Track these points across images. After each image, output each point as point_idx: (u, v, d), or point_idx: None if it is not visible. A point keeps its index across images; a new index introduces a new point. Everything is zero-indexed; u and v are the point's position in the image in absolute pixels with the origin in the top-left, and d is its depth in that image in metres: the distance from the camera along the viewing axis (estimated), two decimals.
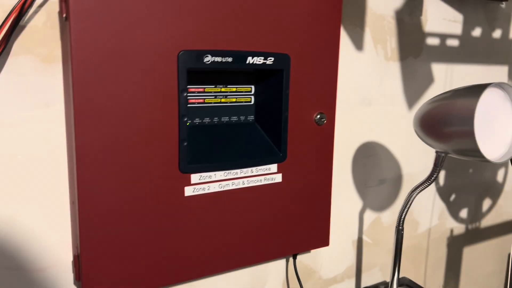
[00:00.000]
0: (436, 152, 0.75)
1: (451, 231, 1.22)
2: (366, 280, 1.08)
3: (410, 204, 0.82)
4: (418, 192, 0.80)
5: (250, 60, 0.71)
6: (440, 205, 1.18)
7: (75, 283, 0.72)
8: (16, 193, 0.66)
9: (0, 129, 0.63)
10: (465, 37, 1.11)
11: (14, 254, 0.67)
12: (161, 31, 0.64)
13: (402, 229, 0.85)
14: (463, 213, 1.23)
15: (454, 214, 1.21)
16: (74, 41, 0.58)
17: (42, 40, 0.64)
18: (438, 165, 0.75)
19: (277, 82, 0.76)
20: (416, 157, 1.09)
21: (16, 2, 0.60)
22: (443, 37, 1.07)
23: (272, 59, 0.73)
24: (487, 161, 0.66)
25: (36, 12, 0.63)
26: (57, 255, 0.70)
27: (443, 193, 1.18)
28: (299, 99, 0.78)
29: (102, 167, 0.63)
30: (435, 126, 0.71)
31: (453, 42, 1.10)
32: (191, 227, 0.72)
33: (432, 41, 1.06)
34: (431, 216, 1.17)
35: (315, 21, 0.77)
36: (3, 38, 0.60)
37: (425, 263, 1.19)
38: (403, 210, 0.83)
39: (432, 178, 0.77)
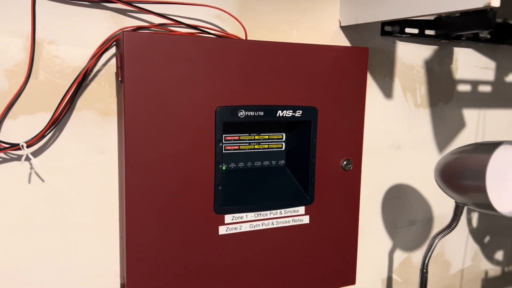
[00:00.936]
0: (455, 202, 0.79)
1: (486, 273, 1.22)
2: None
3: (433, 249, 0.86)
4: (440, 238, 0.84)
5: (280, 113, 0.79)
6: (473, 246, 1.19)
7: None
8: (74, 227, 0.76)
9: (63, 173, 0.74)
10: (498, 82, 1.14)
11: (69, 280, 0.77)
12: (201, 91, 0.73)
13: (426, 272, 0.89)
14: (499, 255, 1.23)
15: (489, 256, 1.22)
16: (127, 102, 0.69)
17: (100, 97, 0.75)
18: (457, 214, 0.79)
19: (305, 131, 0.83)
20: (447, 199, 1.11)
21: (83, 67, 0.71)
22: (474, 83, 1.11)
23: (301, 112, 0.81)
24: (502, 215, 0.69)
25: (96, 74, 0.74)
26: (107, 283, 0.80)
27: (477, 235, 1.19)
28: (326, 146, 0.84)
29: (147, 208, 0.72)
30: (452, 178, 0.76)
31: (485, 88, 1.13)
32: (224, 264, 0.79)
33: (463, 88, 1.10)
34: (463, 257, 1.18)
35: (342, 75, 0.84)
36: (70, 96, 0.71)
37: None
38: (427, 254, 0.87)
39: (452, 226, 0.81)
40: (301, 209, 0.84)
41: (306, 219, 0.85)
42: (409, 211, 1.08)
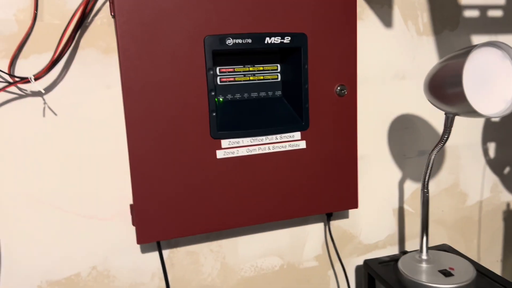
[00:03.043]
0: (445, 113, 0.80)
1: (508, 204, 1.20)
2: (409, 248, 1.12)
3: (431, 167, 0.87)
4: (435, 154, 0.85)
5: (268, 40, 0.82)
6: (492, 177, 1.17)
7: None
8: (88, 157, 0.84)
9: (74, 107, 0.82)
10: (510, 6, 1.10)
11: (87, 204, 0.86)
12: (190, 20, 0.78)
13: (427, 192, 0.90)
14: None
15: (510, 187, 1.20)
16: (119, 34, 0.75)
17: (101, 35, 0.82)
18: (447, 125, 0.79)
19: (297, 59, 0.86)
20: (457, 127, 1.11)
21: (76, 7, 0.78)
22: (483, 8, 1.08)
23: (289, 38, 0.84)
24: (488, 117, 0.69)
25: (96, 14, 0.81)
26: (120, 207, 0.88)
27: (495, 166, 1.17)
28: (318, 73, 0.87)
29: (147, 133, 0.79)
30: (436, 88, 0.76)
31: (495, 13, 1.09)
32: (224, 185, 0.85)
33: (471, 13, 1.07)
34: (481, 189, 1.17)
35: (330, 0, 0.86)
36: (72, 35, 0.78)
37: (477, 237, 1.19)
38: (426, 172, 0.88)
39: (444, 138, 0.81)
40: (297, 135, 0.88)
41: (302, 144, 0.89)
42: (418, 141, 1.08)
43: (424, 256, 0.93)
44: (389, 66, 1.02)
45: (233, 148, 0.85)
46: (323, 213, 0.96)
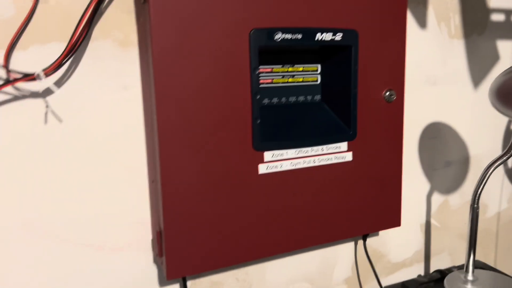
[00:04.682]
0: None
1: None
2: (435, 265, 1.05)
3: (486, 180, 0.80)
4: (496, 167, 0.78)
5: (319, 36, 0.71)
6: (509, 188, 1.13)
7: (154, 261, 0.74)
8: (96, 172, 0.68)
9: (82, 111, 0.66)
10: None
11: (94, 232, 0.69)
12: (234, 12, 0.65)
13: (478, 207, 0.83)
14: None
15: None
16: (154, 23, 0.60)
17: (118, 24, 0.67)
18: None
19: (345, 58, 0.75)
20: (483, 138, 1.06)
21: None
22: (508, 12, 1.04)
23: (341, 35, 0.73)
24: None
25: None
26: (136, 234, 0.72)
27: None
28: (367, 76, 0.77)
29: (182, 146, 0.64)
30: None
31: None
32: (264, 205, 0.72)
33: (497, 17, 1.02)
34: (500, 199, 1.12)
35: None
36: (85, 24, 0.62)
37: (495, 248, 1.15)
38: (479, 187, 0.81)
39: (511, 152, 0.74)
40: (344, 145, 0.77)
41: (349, 156, 0.78)
42: (445, 152, 1.01)
43: (470, 277, 0.85)
44: (421, 70, 0.95)
45: (276, 161, 0.72)
46: (366, 233, 0.86)
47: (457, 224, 1.06)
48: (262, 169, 0.71)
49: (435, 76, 0.96)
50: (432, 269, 1.04)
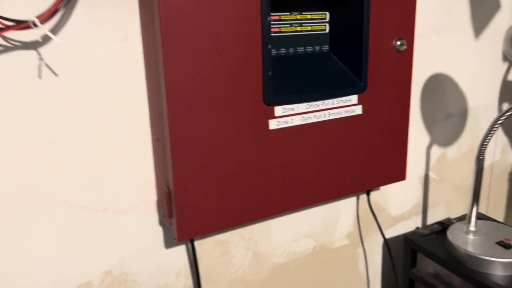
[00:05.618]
0: None
1: None
2: (432, 217, 1.06)
3: (494, 132, 0.79)
4: (505, 119, 0.76)
5: None
6: (503, 139, 1.14)
7: (160, 223, 0.71)
8: (94, 132, 0.63)
9: (80, 65, 0.60)
10: None
11: (97, 194, 0.65)
12: None
13: (483, 159, 0.82)
14: None
15: None
16: None
17: None
18: None
19: (357, 5, 0.71)
20: (481, 90, 1.04)
21: None
22: None
23: None
24: None
25: None
26: (141, 195, 0.68)
27: (506, 127, 1.14)
28: (378, 24, 0.73)
29: (191, 101, 0.60)
30: None
31: None
32: (274, 162, 0.69)
33: None
34: (494, 151, 1.13)
35: None
36: None
37: (487, 198, 1.16)
38: (485, 138, 0.80)
39: None
40: (354, 98, 0.74)
41: (358, 110, 0.75)
42: (446, 104, 1.00)
43: (472, 228, 0.86)
44: (426, 19, 0.91)
45: (287, 116, 0.69)
46: (371, 188, 0.85)
47: (454, 176, 1.07)
48: (273, 124, 0.67)
49: (439, 26, 0.93)
50: (429, 222, 1.05)
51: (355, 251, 0.96)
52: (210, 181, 0.64)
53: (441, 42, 0.94)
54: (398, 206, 0.99)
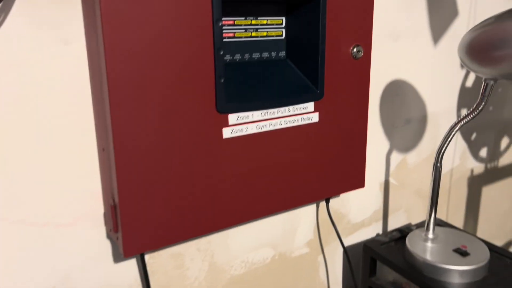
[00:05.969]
0: (484, 80, 0.71)
1: (472, 171, 1.20)
2: (392, 223, 1.06)
3: (451, 139, 0.79)
4: (462, 125, 0.76)
5: None
6: (462, 145, 1.15)
7: (108, 237, 0.67)
8: (35, 141, 0.59)
9: (16, 69, 0.56)
10: None
11: (39, 207, 0.61)
12: None
13: (441, 166, 0.82)
14: (483, 152, 1.21)
15: (475, 153, 1.19)
16: None
17: None
18: (485, 94, 0.71)
19: (313, 11, 0.69)
20: (440, 95, 1.05)
21: None
22: None
23: None
24: None
25: None
26: (87, 207, 0.65)
27: (465, 132, 1.15)
28: (335, 30, 0.72)
29: (136, 108, 0.57)
30: (484, 52, 0.67)
31: None
32: (228, 172, 0.67)
33: None
34: (453, 156, 1.14)
35: None
36: None
37: (447, 203, 1.17)
38: (443, 145, 0.80)
39: (479, 108, 0.73)
40: (310, 106, 0.73)
41: (315, 117, 0.74)
42: (405, 109, 1.00)
43: (431, 235, 0.86)
44: (384, 24, 0.91)
45: (242, 124, 0.66)
46: (331, 196, 0.84)
47: (414, 182, 1.07)
48: (227, 133, 0.65)
49: (398, 31, 0.93)
50: (389, 228, 1.05)
51: (316, 259, 0.94)
52: (160, 193, 0.61)
53: (400, 48, 0.94)
54: (359, 212, 0.99)
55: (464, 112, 1.12)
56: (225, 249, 0.80)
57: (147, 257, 0.72)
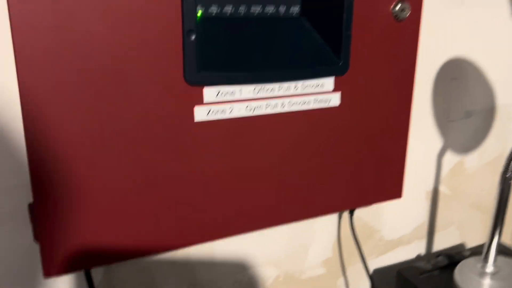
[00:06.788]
0: None
1: None
2: (439, 242, 0.84)
3: None
4: None
5: None
6: None
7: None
8: None
9: None
10: None
11: None
12: None
13: (510, 177, 0.59)
14: None
15: None
16: None
17: None
18: None
19: None
20: (508, 84, 0.81)
21: None
22: None
23: None
24: None
25: None
26: (13, 201, 0.49)
27: None
28: None
29: (57, 71, 0.39)
30: None
31: None
32: (203, 169, 0.48)
33: None
34: None
35: None
36: None
37: None
38: None
39: None
40: (329, 83, 0.52)
41: (335, 99, 0.53)
42: (466, 98, 0.77)
43: (490, 268, 0.64)
44: None
45: (223, 103, 0.47)
46: (354, 208, 0.63)
47: (473, 191, 0.84)
48: (201, 114, 0.46)
49: None
50: (435, 248, 0.83)
51: (334, 283, 0.74)
52: (95, 193, 0.43)
53: (465, 15, 0.71)
54: (396, 227, 0.77)
55: None
56: (210, 266, 0.62)
57: (101, 272, 0.55)
